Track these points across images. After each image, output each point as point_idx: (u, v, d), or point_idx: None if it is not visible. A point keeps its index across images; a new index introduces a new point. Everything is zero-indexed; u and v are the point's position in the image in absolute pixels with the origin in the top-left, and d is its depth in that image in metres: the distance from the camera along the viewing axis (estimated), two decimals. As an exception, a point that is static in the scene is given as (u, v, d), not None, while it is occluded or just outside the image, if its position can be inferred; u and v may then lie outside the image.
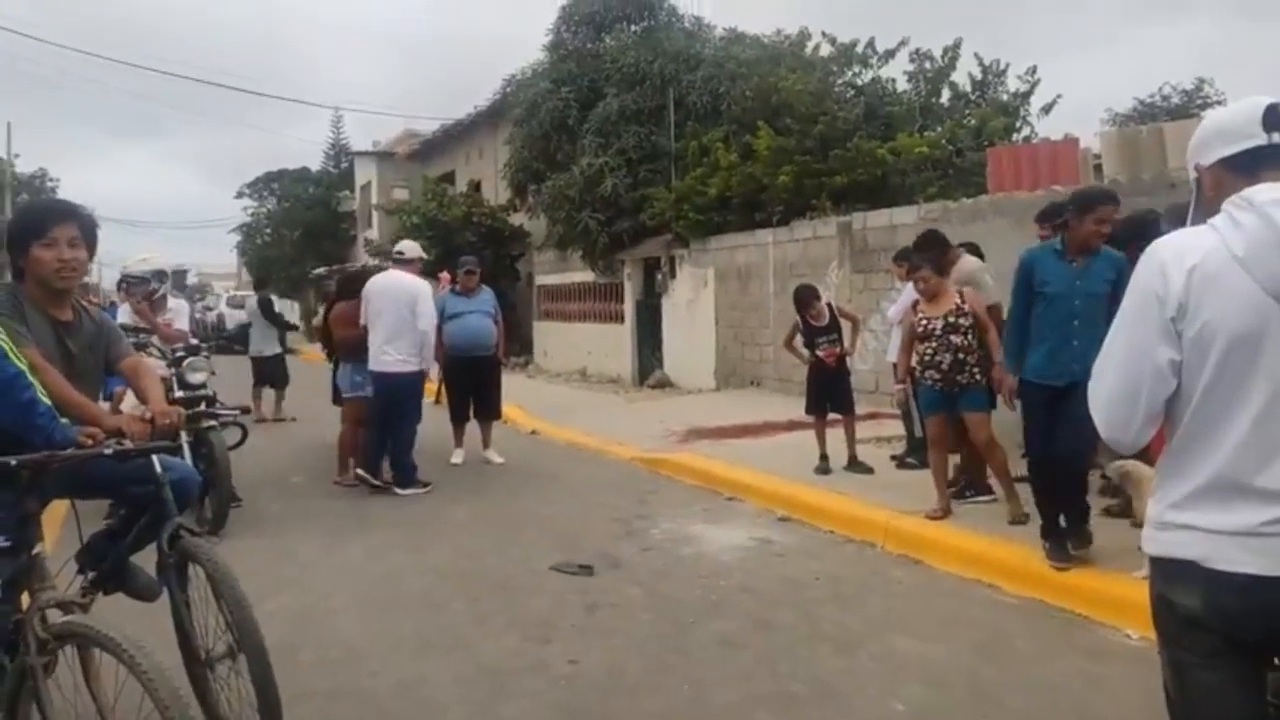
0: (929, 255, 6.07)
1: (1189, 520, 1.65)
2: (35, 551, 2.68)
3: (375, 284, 7.29)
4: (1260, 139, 1.68)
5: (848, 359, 7.28)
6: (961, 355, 5.42)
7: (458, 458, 8.20)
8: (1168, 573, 1.70)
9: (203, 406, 5.94)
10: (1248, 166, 1.68)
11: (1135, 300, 1.70)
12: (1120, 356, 1.72)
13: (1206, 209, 1.74)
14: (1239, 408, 1.60)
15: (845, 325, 7.32)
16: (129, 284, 6.98)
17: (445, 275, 8.57)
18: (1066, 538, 4.59)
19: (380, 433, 7.23)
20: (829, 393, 7.15)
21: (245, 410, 4.00)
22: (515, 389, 12.66)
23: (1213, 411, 1.63)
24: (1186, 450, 1.68)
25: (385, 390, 7.08)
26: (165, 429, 2.95)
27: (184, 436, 5.56)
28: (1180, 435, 1.69)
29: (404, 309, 7.02)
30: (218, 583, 2.86)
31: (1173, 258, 1.65)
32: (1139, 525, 4.66)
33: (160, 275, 6.87)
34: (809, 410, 7.28)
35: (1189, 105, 20.51)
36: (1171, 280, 1.63)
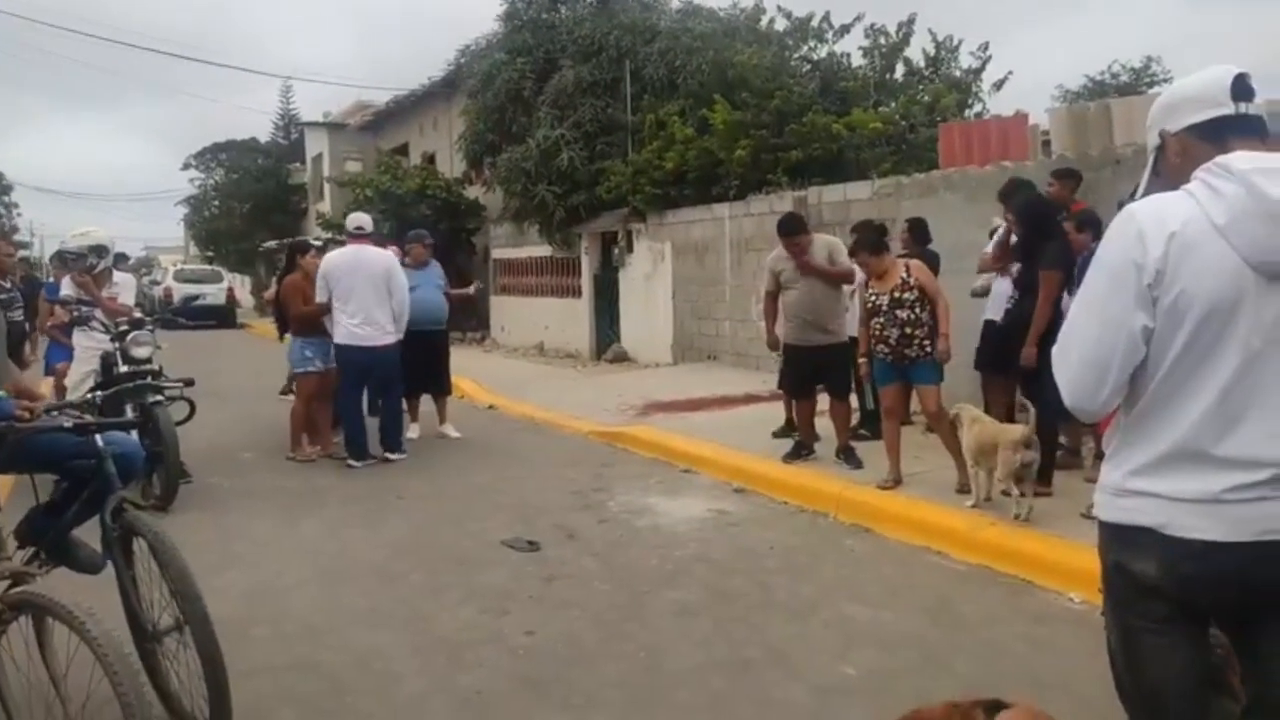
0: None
1: (1148, 488, 1.66)
2: None
3: (338, 261, 7.19)
4: (1228, 108, 1.68)
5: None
6: (909, 330, 5.50)
7: (413, 432, 8.13)
8: (1124, 540, 1.71)
9: (148, 381, 5.82)
10: (1215, 135, 1.68)
11: (1110, 267, 1.67)
12: (1093, 325, 1.69)
13: (1170, 176, 1.74)
14: (1207, 377, 1.60)
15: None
16: (66, 260, 6.76)
17: (393, 248, 8.41)
18: None
19: (356, 408, 7.29)
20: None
21: (189, 383, 3.92)
22: (472, 364, 12.60)
23: (1179, 380, 1.63)
24: (1148, 418, 1.68)
25: (366, 364, 7.11)
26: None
27: (130, 412, 5.45)
28: (1143, 403, 1.68)
29: (379, 283, 7.10)
30: (160, 554, 2.83)
31: (1151, 224, 1.62)
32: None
33: (100, 250, 6.65)
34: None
35: (1138, 83, 20.97)
36: (1150, 247, 1.60)
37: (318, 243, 8.61)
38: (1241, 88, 1.69)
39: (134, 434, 5.12)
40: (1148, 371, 1.67)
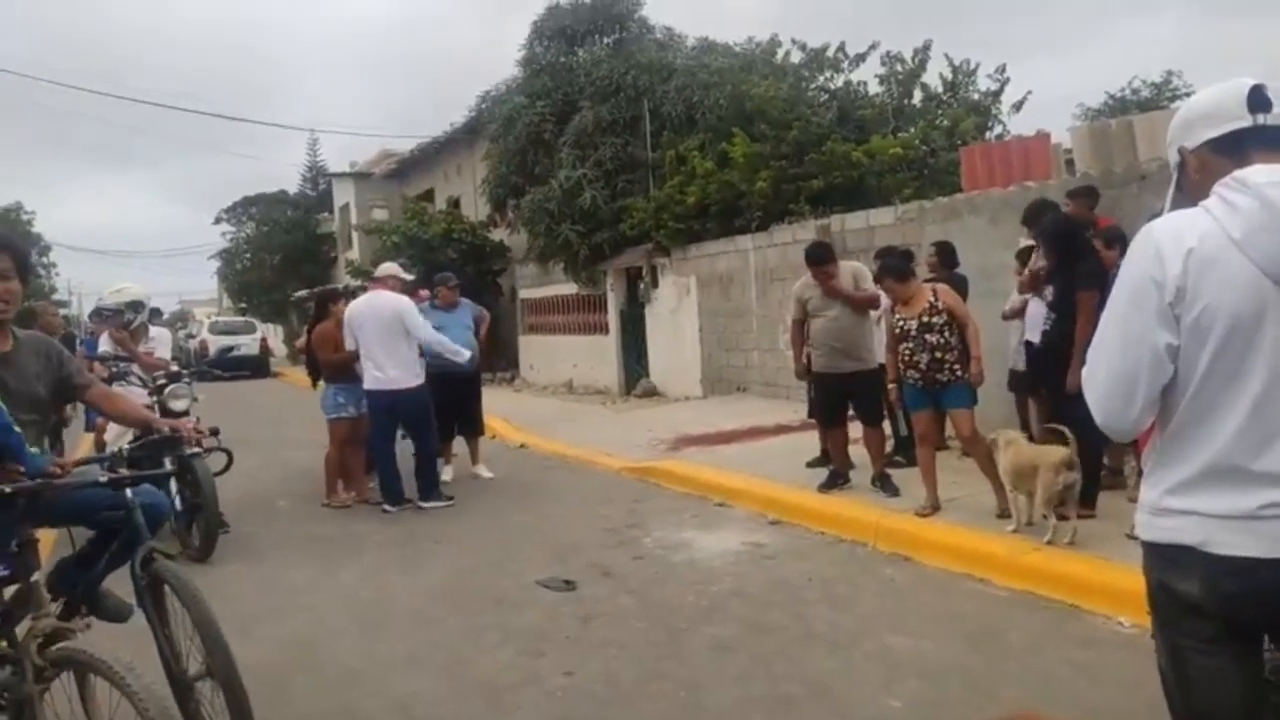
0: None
1: (1187, 506, 1.64)
2: (33, 579, 2.69)
3: (357, 308, 7.28)
4: (1245, 120, 1.66)
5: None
6: (939, 354, 5.46)
7: (446, 474, 8.16)
8: (1166, 559, 1.69)
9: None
10: (1233, 148, 1.66)
11: (1130, 285, 1.66)
12: (1117, 344, 1.68)
13: (1192, 192, 1.73)
14: (1237, 392, 1.59)
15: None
16: (103, 316, 6.91)
17: (423, 293, 8.50)
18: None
19: (389, 453, 7.26)
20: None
21: (214, 431, 3.95)
22: (502, 403, 12.65)
23: (1210, 396, 1.61)
24: (1182, 436, 1.66)
25: (389, 406, 7.13)
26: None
27: (168, 464, 5.52)
28: (1176, 421, 1.67)
29: (392, 325, 7.10)
30: (184, 599, 2.88)
31: (1169, 241, 1.61)
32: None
33: (136, 306, 6.79)
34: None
35: (1158, 98, 20.83)
36: (1169, 264, 1.59)
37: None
38: (1259, 99, 1.66)
39: (173, 485, 5.22)
40: (1178, 389, 1.65)
